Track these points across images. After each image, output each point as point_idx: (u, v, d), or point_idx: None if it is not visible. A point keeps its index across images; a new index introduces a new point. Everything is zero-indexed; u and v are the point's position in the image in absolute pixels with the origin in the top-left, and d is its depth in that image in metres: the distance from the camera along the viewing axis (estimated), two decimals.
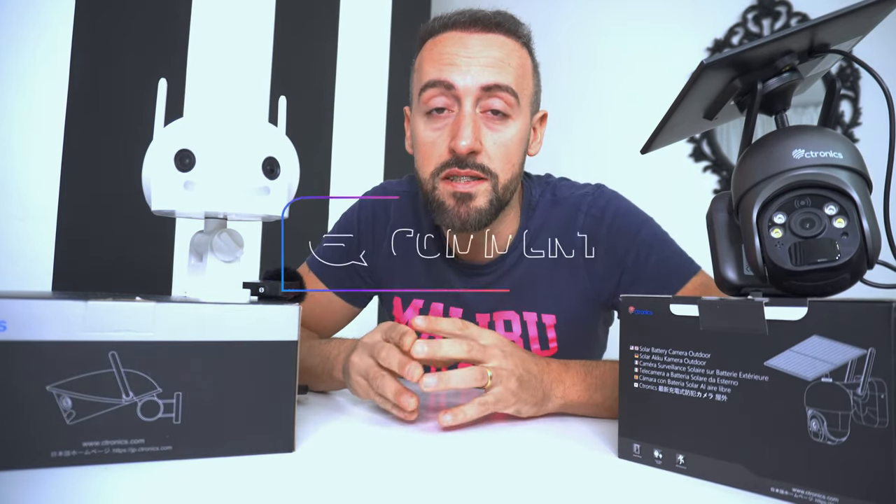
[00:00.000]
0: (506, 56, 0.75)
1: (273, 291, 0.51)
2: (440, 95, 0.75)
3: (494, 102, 0.74)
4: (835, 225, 0.40)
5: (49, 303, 0.42)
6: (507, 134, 0.75)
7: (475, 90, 0.73)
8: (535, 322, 0.83)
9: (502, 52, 0.75)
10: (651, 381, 0.48)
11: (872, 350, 0.37)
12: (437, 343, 0.59)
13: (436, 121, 0.76)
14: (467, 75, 0.73)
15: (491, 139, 0.74)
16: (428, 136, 0.76)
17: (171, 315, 0.45)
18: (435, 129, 0.76)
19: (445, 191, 0.75)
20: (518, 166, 0.78)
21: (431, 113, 0.76)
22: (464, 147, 0.72)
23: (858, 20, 0.42)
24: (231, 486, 0.41)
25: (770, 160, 0.42)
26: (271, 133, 0.51)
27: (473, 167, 0.74)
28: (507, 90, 0.74)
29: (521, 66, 0.77)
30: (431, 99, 0.75)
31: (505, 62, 0.75)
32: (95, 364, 0.43)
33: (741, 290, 0.46)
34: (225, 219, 0.53)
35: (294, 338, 0.49)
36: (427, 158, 0.76)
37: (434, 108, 0.75)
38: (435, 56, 0.76)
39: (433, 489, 0.42)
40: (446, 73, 0.74)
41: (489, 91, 0.73)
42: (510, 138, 0.75)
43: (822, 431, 0.38)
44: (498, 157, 0.75)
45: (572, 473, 0.47)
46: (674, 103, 0.45)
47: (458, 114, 0.74)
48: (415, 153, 0.80)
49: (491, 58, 0.74)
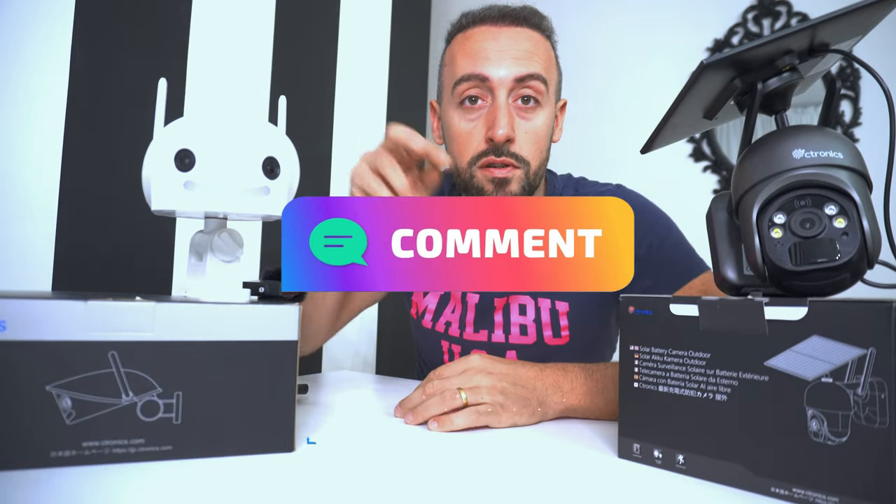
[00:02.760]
0: (534, 47, 0.79)
1: (273, 291, 0.51)
2: (474, 88, 0.78)
3: (526, 91, 0.78)
4: (835, 225, 0.40)
5: (49, 303, 0.42)
6: (537, 122, 0.79)
7: (509, 82, 0.77)
8: (548, 308, 0.84)
9: (530, 44, 0.79)
10: (651, 381, 0.48)
11: (873, 350, 0.37)
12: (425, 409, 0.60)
13: (470, 112, 0.79)
14: (500, 68, 0.77)
15: (523, 129, 0.78)
16: (463, 126, 0.80)
17: (171, 315, 0.45)
18: (470, 119, 0.79)
19: (484, 177, 0.79)
20: (546, 152, 0.83)
21: (464, 104, 0.79)
22: (502, 135, 0.75)
23: (858, 20, 0.42)
24: (231, 486, 0.41)
25: (770, 160, 0.42)
26: (271, 133, 0.51)
27: (508, 155, 0.77)
28: (538, 78, 0.78)
29: (548, 58, 0.81)
30: (466, 91, 0.79)
31: (534, 53, 0.79)
32: (95, 364, 0.43)
33: (741, 290, 0.46)
34: (225, 219, 0.53)
35: (294, 338, 0.49)
36: (464, 148, 0.80)
37: (468, 97, 0.79)
38: (468, 50, 0.80)
39: (433, 489, 0.42)
40: (480, 67, 0.77)
41: (521, 82, 0.77)
42: (540, 126, 0.80)
43: (822, 431, 0.38)
44: (529, 145, 0.79)
45: (572, 473, 0.47)
46: (674, 103, 0.45)
47: (493, 104, 0.77)
48: (448, 144, 0.84)
49: (521, 50, 0.78)
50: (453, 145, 0.82)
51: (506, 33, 0.79)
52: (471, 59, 0.78)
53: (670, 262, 0.80)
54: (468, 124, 0.79)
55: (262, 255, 1.42)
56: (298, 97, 1.59)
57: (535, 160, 0.80)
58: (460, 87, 0.79)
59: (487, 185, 0.79)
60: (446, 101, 0.83)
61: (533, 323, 0.85)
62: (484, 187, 0.79)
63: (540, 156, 0.81)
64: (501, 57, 0.77)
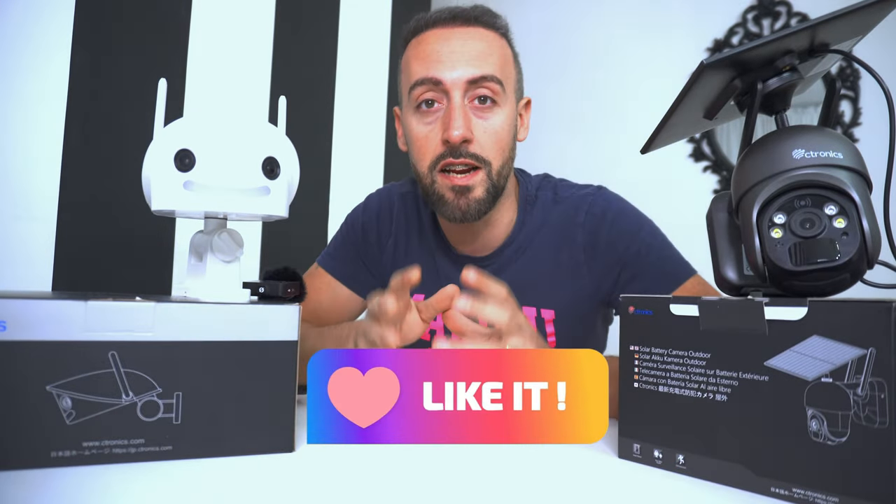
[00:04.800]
0: (487, 47, 0.78)
1: (273, 291, 0.51)
2: (429, 91, 0.77)
3: (482, 91, 0.76)
4: (835, 225, 0.40)
5: (49, 303, 0.42)
6: (495, 121, 0.78)
7: (462, 83, 0.76)
8: (534, 317, 0.83)
9: (483, 43, 0.78)
10: (651, 381, 0.48)
11: (872, 350, 0.37)
12: (482, 305, 0.60)
13: (426, 115, 0.78)
14: (454, 70, 0.76)
15: (481, 128, 0.77)
16: (420, 130, 0.79)
17: (171, 315, 0.45)
18: (427, 123, 0.78)
19: (444, 185, 0.77)
20: (509, 151, 0.81)
21: (421, 108, 0.78)
22: (457, 136, 0.74)
23: (858, 20, 0.42)
24: (231, 486, 0.41)
25: (770, 160, 0.42)
26: (271, 133, 0.51)
27: (467, 156, 0.76)
28: (492, 79, 0.76)
29: (503, 56, 0.80)
30: (421, 95, 0.77)
31: (487, 53, 0.77)
32: (95, 364, 0.43)
33: (741, 290, 0.46)
34: (225, 219, 0.53)
35: (294, 338, 0.49)
36: (423, 152, 0.79)
37: (423, 101, 0.78)
38: (420, 54, 0.78)
39: (433, 489, 0.42)
40: (433, 70, 0.76)
41: (475, 83, 0.76)
42: (499, 125, 0.78)
43: (822, 431, 0.38)
44: (489, 144, 0.77)
45: (572, 473, 0.47)
46: (674, 103, 0.45)
47: (448, 106, 0.76)
48: (409, 149, 0.83)
49: (474, 51, 0.77)
50: (413, 150, 0.81)
51: (458, 34, 0.78)
52: (424, 63, 0.77)
53: (657, 270, 0.80)
54: (425, 128, 0.78)
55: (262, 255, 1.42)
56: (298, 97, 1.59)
57: (497, 159, 0.78)
58: (415, 91, 0.78)
59: (448, 192, 0.77)
60: (405, 107, 0.82)
61: None
62: (444, 195, 0.77)
63: (502, 155, 0.79)
64: (454, 59, 0.76)
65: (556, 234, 0.84)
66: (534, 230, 0.84)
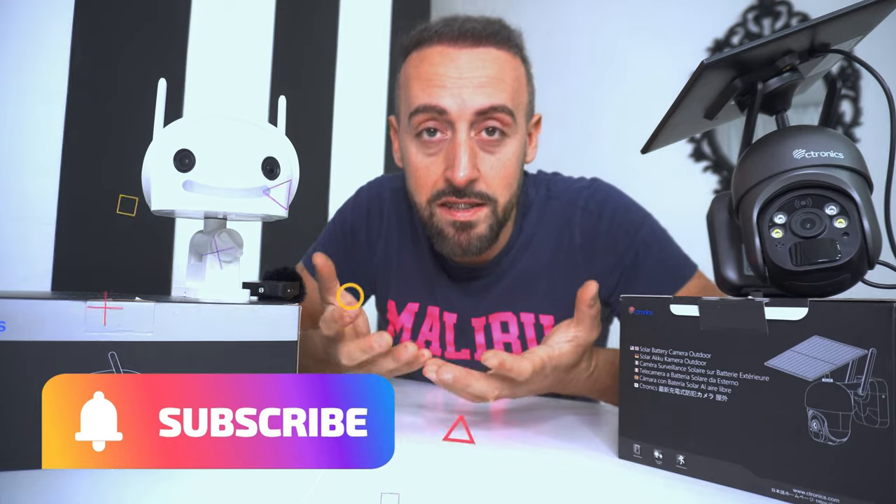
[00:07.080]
0: (499, 72, 0.69)
1: (273, 292, 0.51)
2: (431, 120, 0.70)
3: (490, 123, 0.69)
4: (835, 225, 0.40)
5: (49, 303, 0.42)
6: (504, 155, 0.71)
7: (469, 114, 0.68)
8: (532, 324, 0.81)
9: (495, 67, 0.69)
10: (651, 382, 0.48)
11: (873, 350, 0.37)
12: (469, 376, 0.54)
13: (428, 146, 0.71)
14: (459, 98, 0.68)
15: (488, 164, 0.70)
16: (421, 161, 0.72)
17: (171, 315, 0.45)
18: (428, 154, 0.71)
19: (444, 219, 0.72)
20: (517, 183, 0.75)
21: (422, 136, 0.71)
22: (462, 178, 0.68)
23: (859, 20, 0.42)
24: (231, 486, 0.41)
25: (770, 160, 0.42)
26: (271, 133, 0.51)
27: (472, 195, 0.70)
28: (503, 110, 0.69)
29: (516, 80, 0.72)
30: (422, 123, 0.70)
31: (499, 79, 0.69)
32: (95, 364, 0.43)
33: (741, 290, 0.46)
34: (225, 219, 0.53)
35: (294, 338, 0.49)
36: (422, 185, 0.72)
37: (425, 129, 0.71)
38: (422, 75, 0.70)
39: (432, 488, 0.42)
40: (436, 98, 0.68)
41: (484, 114, 0.68)
42: (508, 158, 0.71)
43: (822, 432, 0.38)
44: (496, 181, 0.71)
45: (572, 473, 0.47)
46: (674, 103, 0.45)
47: (453, 141, 0.69)
48: (407, 175, 0.76)
49: (484, 77, 0.68)
50: (411, 179, 0.74)
51: (466, 56, 0.69)
52: (426, 88, 0.69)
53: (661, 269, 0.77)
54: (426, 159, 0.71)
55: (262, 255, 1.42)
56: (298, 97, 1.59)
57: (504, 195, 0.72)
58: (416, 118, 0.70)
59: (448, 228, 0.71)
60: (403, 129, 0.74)
61: (517, 339, 0.81)
62: (444, 230, 0.72)
63: (510, 189, 0.73)
64: (460, 85, 0.67)
65: (552, 235, 0.81)
66: (530, 235, 0.81)
